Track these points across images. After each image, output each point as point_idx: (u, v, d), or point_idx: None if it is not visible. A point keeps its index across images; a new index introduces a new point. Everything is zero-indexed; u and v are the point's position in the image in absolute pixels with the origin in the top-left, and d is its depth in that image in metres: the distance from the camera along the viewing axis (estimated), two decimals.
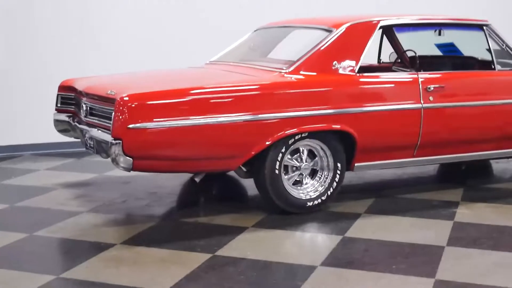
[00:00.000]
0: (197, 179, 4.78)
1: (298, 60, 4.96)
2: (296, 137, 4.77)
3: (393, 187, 5.77)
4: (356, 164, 5.05)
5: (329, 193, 4.94)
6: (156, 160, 4.44)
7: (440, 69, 5.85)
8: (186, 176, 5.85)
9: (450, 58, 6.44)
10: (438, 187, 5.72)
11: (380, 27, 5.22)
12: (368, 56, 6.69)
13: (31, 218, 4.84)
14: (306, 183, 4.94)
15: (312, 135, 4.84)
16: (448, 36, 6.27)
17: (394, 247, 4.23)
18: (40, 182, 5.89)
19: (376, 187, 5.78)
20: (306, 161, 4.90)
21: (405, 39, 6.59)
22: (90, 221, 4.77)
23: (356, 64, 4.99)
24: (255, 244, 4.27)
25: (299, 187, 4.89)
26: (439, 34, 6.21)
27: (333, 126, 4.84)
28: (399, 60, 6.26)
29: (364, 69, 5.33)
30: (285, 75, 4.88)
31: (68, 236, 4.45)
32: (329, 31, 5.11)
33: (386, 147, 5.11)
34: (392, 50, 6.70)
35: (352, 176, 5.91)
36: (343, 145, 4.97)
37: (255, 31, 6.04)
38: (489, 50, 5.56)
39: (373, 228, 4.62)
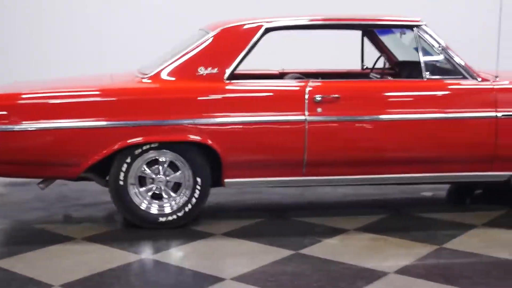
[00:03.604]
0: (41, 186, 4.68)
1: (162, 65, 4.65)
2: (144, 148, 4.47)
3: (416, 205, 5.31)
4: (226, 180, 4.61)
5: (186, 209, 4.57)
6: None
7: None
8: None
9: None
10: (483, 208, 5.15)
11: (266, 30, 4.67)
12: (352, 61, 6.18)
13: (40, 204, 5.24)
14: (166, 197, 4.60)
15: (165, 146, 4.50)
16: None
17: (181, 275, 3.89)
18: None
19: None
20: (164, 174, 4.56)
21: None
22: (55, 216, 5.01)
23: (226, 70, 4.55)
24: (42, 257, 4.09)
25: (147, 201, 4.56)
26: (400, 36, 5.46)
27: (188, 137, 4.46)
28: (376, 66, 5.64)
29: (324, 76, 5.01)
30: (143, 81, 4.61)
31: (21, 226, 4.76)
32: (207, 33, 4.72)
33: (264, 164, 4.59)
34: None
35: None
36: (209, 159, 4.55)
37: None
38: (417, 55, 4.75)
39: (186, 251, 4.25)
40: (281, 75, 5.55)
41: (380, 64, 5.88)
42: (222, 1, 7.54)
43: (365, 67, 6.02)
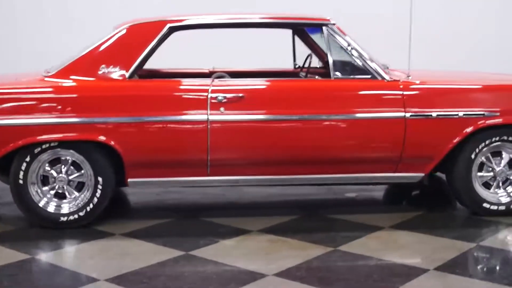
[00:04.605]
0: None
1: (65, 63, 4.61)
2: (44, 146, 4.44)
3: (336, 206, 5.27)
4: (129, 180, 4.57)
5: (88, 209, 4.53)
6: None
7: None
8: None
9: None
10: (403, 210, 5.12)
11: (170, 28, 4.62)
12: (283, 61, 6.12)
13: None
14: (69, 197, 4.57)
15: (65, 145, 4.46)
16: None
17: (59, 275, 3.84)
18: None
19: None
20: (66, 173, 4.53)
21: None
22: None
23: (128, 68, 4.50)
24: None
25: (47, 200, 4.53)
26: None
27: (88, 136, 4.42)
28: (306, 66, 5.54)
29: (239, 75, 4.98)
30: (45, 79, 4.58)
31: None
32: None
33: (167, 164, 4.54)
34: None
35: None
36: (112, 158, 4.51)
37: None
38: (326, 54, 4.69)
39: (76, 251, 4.24)
40: (210, 74, 5.49)
41: (315, 63, 5.80)
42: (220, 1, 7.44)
43: (297, 66, 5.95)
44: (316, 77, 5.34)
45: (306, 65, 5.60)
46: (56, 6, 7.80)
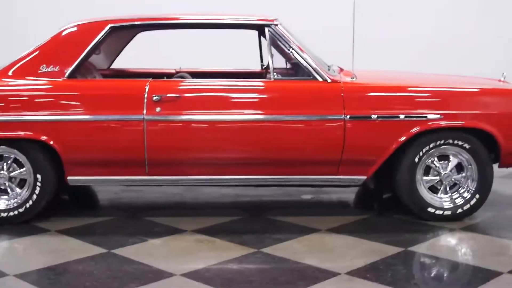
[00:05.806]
0: None
1: (9, 62, 4.71)
2: None
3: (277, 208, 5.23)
4: (69, 178, 4.64)
5: (27, 205, 4.61)
6: None
7: None
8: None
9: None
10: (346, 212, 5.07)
11: (111, 29, 4.67)
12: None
13: None
14: (12, 193, 4.66)
15: (3, 142, 4.56)
16: None
17: None
18: None
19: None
20: (8, 169, 4.63)
21: None
22: None
23: (67, 67, 4.58)
24: None
25: None
26: None
27: (25, 134, 4.51)
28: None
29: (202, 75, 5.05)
30: None
31: None
32: None
33: (106, 162, 4.59)
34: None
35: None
36: (53, 156, 4.59)
37: None
38: (270, 55, 4.67)
39: (3, 247, 4.27)
40: (176, 74, 5.54)
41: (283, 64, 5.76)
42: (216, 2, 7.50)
43: (263, 66, 5.93)
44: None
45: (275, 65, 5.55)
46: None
